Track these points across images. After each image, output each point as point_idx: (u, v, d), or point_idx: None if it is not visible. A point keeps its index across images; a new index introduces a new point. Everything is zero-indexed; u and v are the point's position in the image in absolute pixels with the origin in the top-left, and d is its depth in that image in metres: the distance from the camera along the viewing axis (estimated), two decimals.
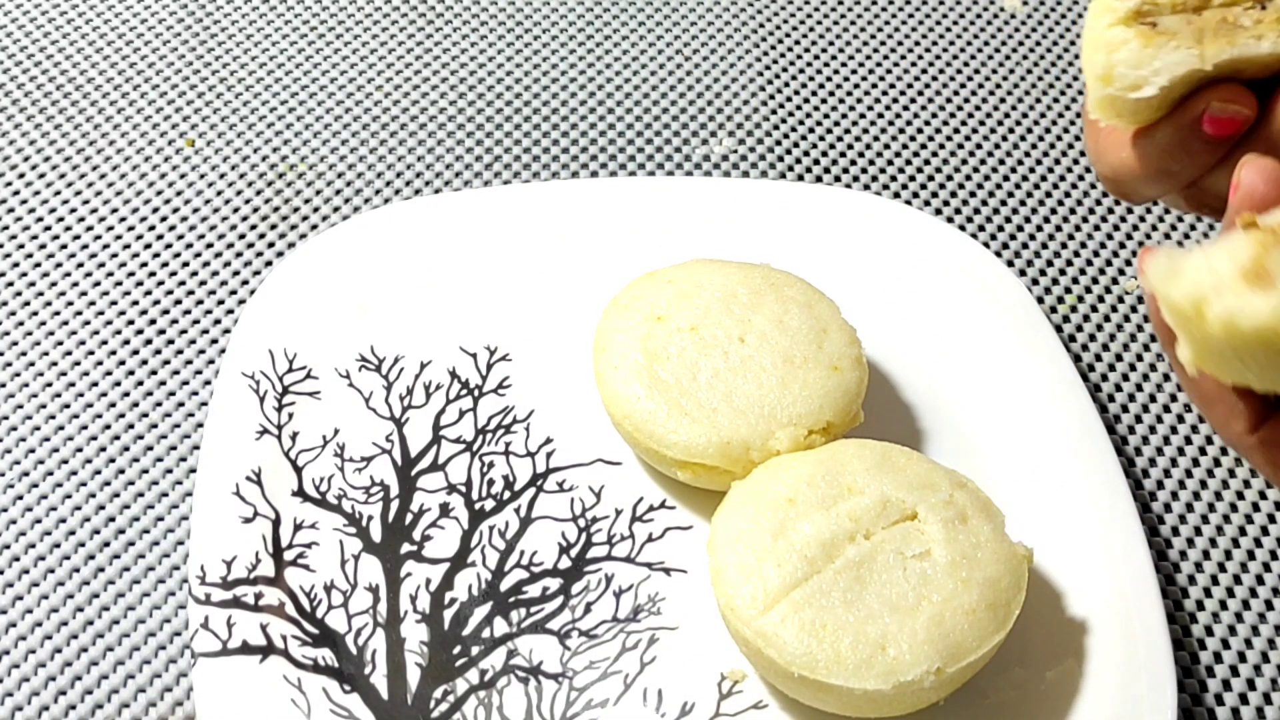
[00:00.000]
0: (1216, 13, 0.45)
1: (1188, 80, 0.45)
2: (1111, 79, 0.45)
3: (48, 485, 0.72)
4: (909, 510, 0.63)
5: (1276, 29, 0.44)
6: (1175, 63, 0.44)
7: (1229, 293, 0.38)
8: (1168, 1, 0.45)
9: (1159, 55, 0.44)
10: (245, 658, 0.63)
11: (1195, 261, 0.39)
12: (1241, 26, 0.44)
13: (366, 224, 0.79)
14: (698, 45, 0.95)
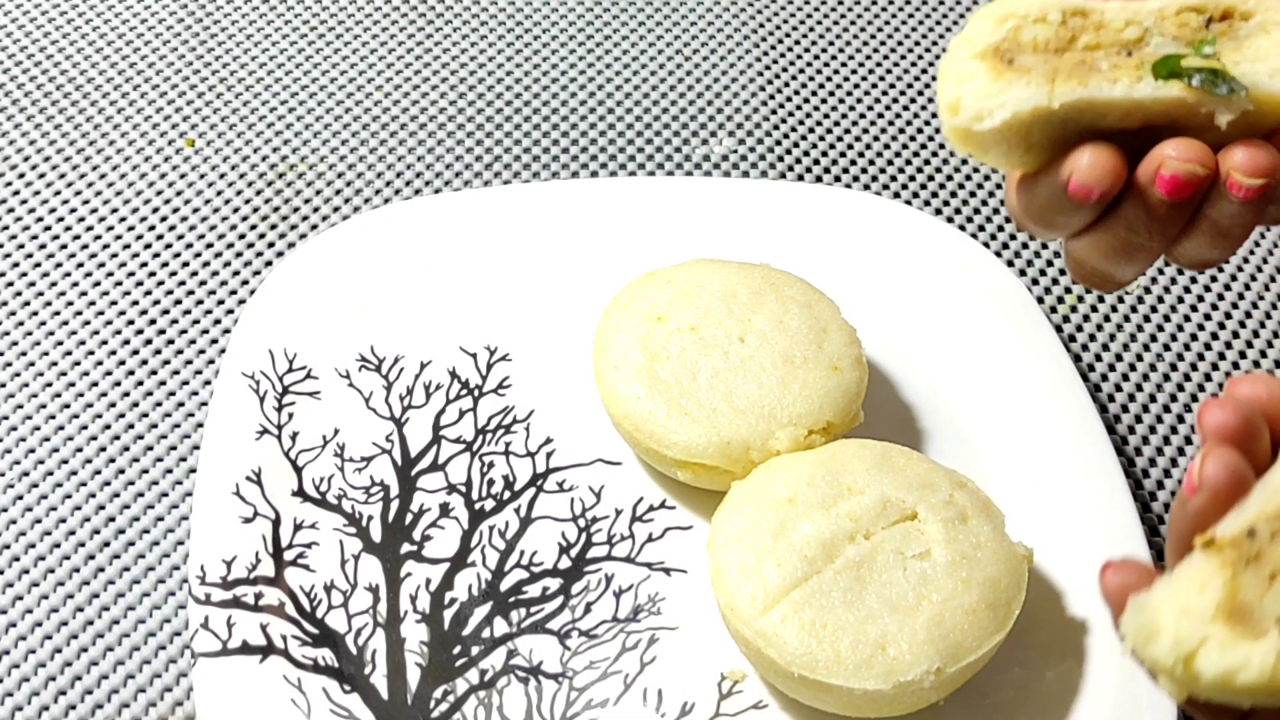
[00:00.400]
0: (1077, 54, 0.44)
1: (1044, 120, 0.44)
2: (958, 109, 0.44)
3: (48, 485, 0.72)
4: (909, 510, 0.63)
5: (1133, 74, 0.44)
6: (1022, 98, 0.43)
7: (1215, 646, 0.36)
8: (1029, 40, 0.44)
9: (1007, 90, 0.44)
10: (245, 658, 0.63)
11: (1167, 606, 0.37)
12: (1098, 69, 0.44)
13: (366, 224, 0.79)
14: (698, 45, 0.95)
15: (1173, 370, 0.79)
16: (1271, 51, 0.43)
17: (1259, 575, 0.36)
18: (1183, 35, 0.44)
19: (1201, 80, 0.43)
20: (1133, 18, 0.44)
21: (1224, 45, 0.44)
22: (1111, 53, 0.44)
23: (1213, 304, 0.82)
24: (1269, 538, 0.37)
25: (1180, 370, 0.79)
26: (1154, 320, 0.82)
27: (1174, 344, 0.81)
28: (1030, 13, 0.44)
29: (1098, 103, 0.44)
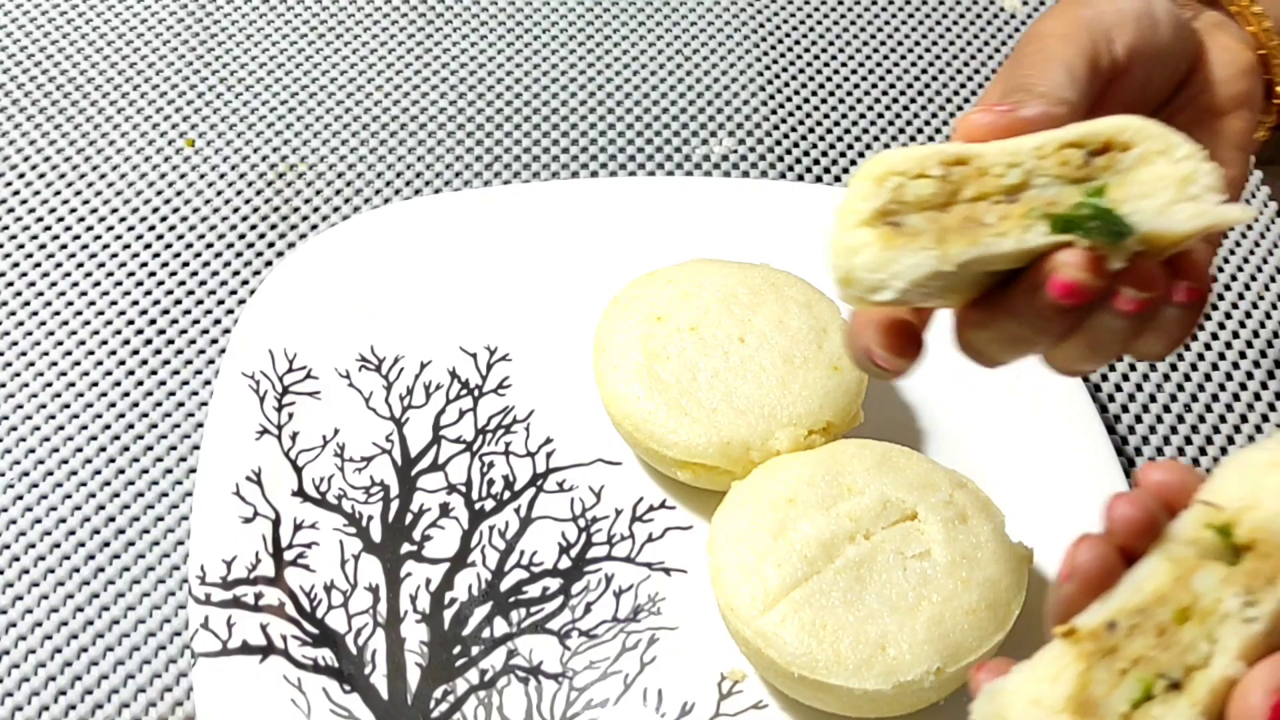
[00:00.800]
0: (963, 208, 0.43)
1: (935, 276, 0.43)
2: (851, 282, 0.43)
3: (48, 485, 0.72)
4: (909, 510, 0.63)
5: (1021, 225, 0.43)
6: (916, 265, 0.42)
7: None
8: (913, 200, 0.43)
9: (899, 258, 0.43)
10: (245, 658, 0.63)
11: (1020, 695, 0.37)
12: (985, 224, 0.43)
13: (366, 224, 0.79)
14: (698, 45, 0.95)
15: (1172, 370, 0.79)
16: (1155, 185, 0.43)
17: (1111, 669, 0.37)
18: (1065, 173, 0.43)
19: (1092, 230, 0.43)
20: (1013, 159, 0.43)
21: (1109, 180, 0.43)
22: (996, 201, 0.43)
23: (1212, 304, 0.82)
24: (1127, 632, 0.37)
25: (1180, 370, 0.79)
26: None
27: None
28: (909, 168, 0.43)
29: (990, 259, 0.43)
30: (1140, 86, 0.52)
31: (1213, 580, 0.38)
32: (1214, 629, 0.37)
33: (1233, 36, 0.55)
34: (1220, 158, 0.52)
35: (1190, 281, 0.45)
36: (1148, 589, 0.38)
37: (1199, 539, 0.38)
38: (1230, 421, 0.77)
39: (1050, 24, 0.51)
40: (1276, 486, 0.38)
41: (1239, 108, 0.54)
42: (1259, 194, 0.88)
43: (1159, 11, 0.52)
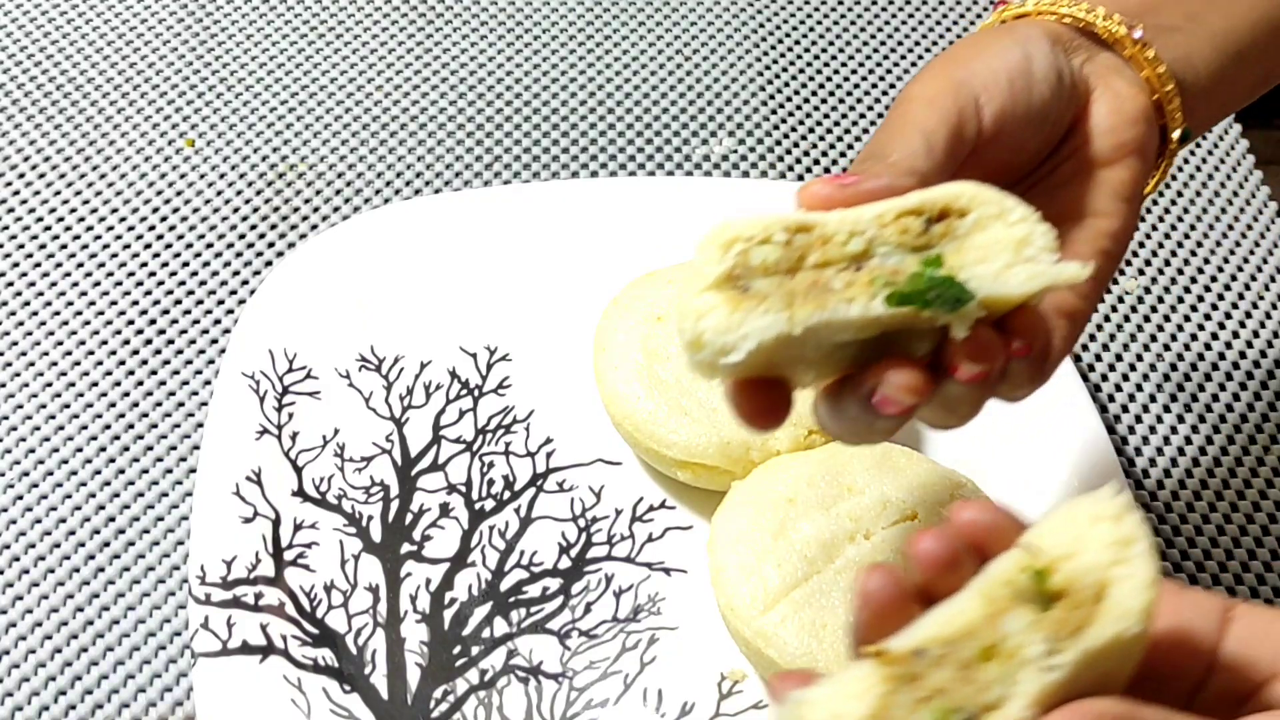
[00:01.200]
0: (809, 274, 0.44)
1: (787, 341, 0.44)
2: (700, 345, 0.44)
3: (48, 485, 0.72)
4: (909, 510, 0.63)
5: (867, 291, 0.43)
6: (764, 327, 0.43)
7: None
8: (759, 265, 0.44)
9: (746, 320, 0.43)
10: (245, 658, 0.63)
11: (821, 708, 0.38)
12: (832, 289, 0.44)
13: (366, 224, 0.79)
14: (698, 45, 0.95)
15: (1173, 370, 0.79)
16: (991, 250, 0.44)
17: (912, 696, 0.38)
18: (905, 241, 0.44)
19: (932, 301, 0.43)
20: (854, 228, 0.44)
21: (947, 248, 0.44)
22: (841, 269, 0.44)
23: (1213, 304, 0.83)
24: (933, 661, 0.38)
25: (1180, 370, 0.79)
26: (1154, 320, 0.82)
27: (1174, 344, 0.81)
28: (754, 234, 0.44)
29: (836, 324, 0.44)
30: (1013, 148, 0.52)
31: (1021, 624, 0.38)
32: (1014, 672, 0.38)
33: (1127, 81, 0.54)
34: (1101, 209, 0.52)
35: (1022, 339, 0.46)
36: (958, 622, 0.39)
37: (1014, 581, 0.39)
38: (1230, 421, 0.77)
39: (919, 87, 0.51)
40: (1098, 540, 0.39)
41: (1126, 156, 0.53)
42: (1259, 194, 0.88)
43: (1037, 68, 0.52)
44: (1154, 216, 0.87)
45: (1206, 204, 0.87)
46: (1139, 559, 0.38)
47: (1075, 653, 0.37)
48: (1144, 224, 0.86)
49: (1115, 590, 0.38)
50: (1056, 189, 0.54)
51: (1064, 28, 0.55)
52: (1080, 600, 0.38)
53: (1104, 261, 0.53)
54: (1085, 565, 0.38)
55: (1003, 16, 0.56)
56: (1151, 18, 0.56)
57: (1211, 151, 0.90)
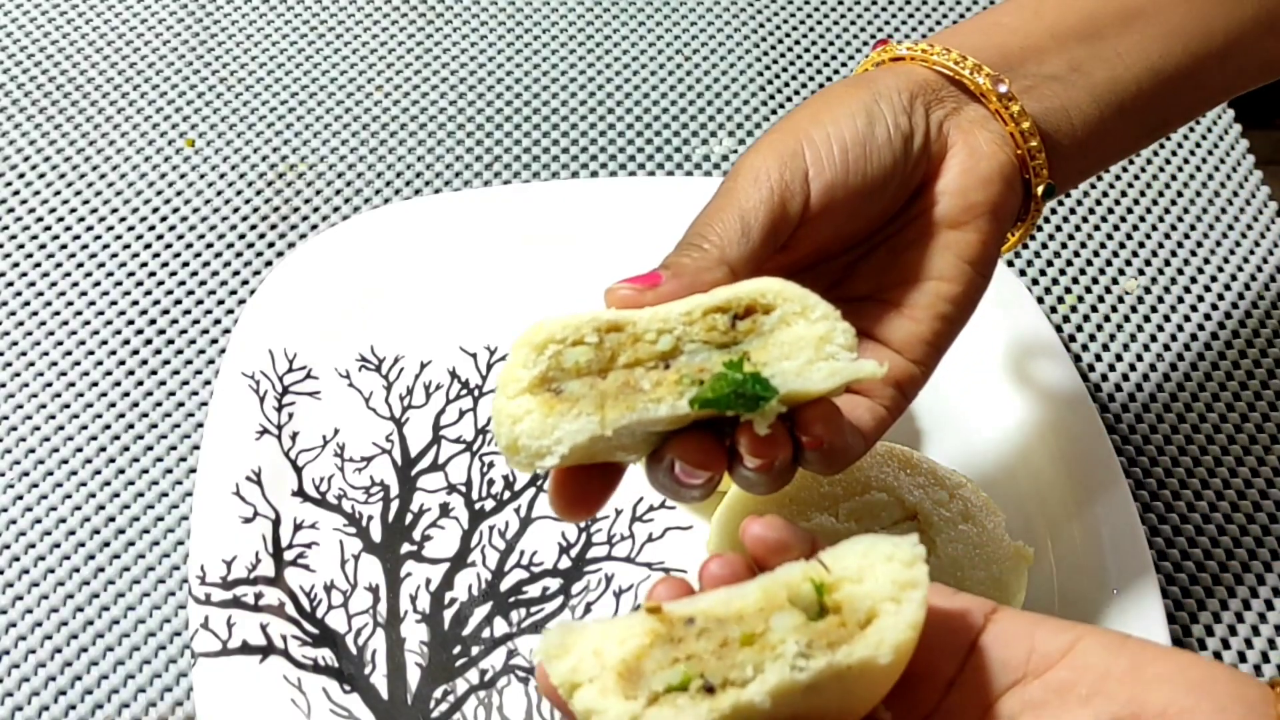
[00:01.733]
0: (620, 374, 0.46)
1: (597, 439, 0.45)
2: (516, 450, 0.46)
3: (48, 485, 0.72)
4: (909, 510, 0.63)
5: (675, 390, 0.45)
6: (576, 430, 0.45)
7: (596, 688, 0.41)
8: (572, 366, 0.46)
9: (560, 424, 0.45)
10: (245, 658, 0.63)
11: (586, 639, 0.42)
12: (641, 390, 0.45)
13: (366, 224, 0.79)
14: (698, 45, 0.95)
15: (1172, 370, 0.79)
16: (794, 346, 0.46)
17: (668, 655, 0.41)
18: (713, 338, 0.46)
19: (734, 403, 0.45)
20: (663, 325, 0.46)
21: (752, 344, 0.46)
22: (651, 367, 0.46)
23: (1213, 304, 0.82)
24: (699, 632, 0.42)
25: (1180, 370, 0.79)
26: (1154, 320, 0.82)
27: (1174, 344, 0.81)
28: (567, 335, 0.46)
29: (647, 422, 0.45)
30: (848, 215, 0.52)
31: (788, 624, 0.42)
32: (765, 662, 0.41)
33: (989, 136, 0.54)
34: (945, 272, 0.53)
35: (812, 434, 0.47)
36: (734, 606, 0.42)
37: (796, 586, 0.42)
38: (1231, 421, 0.77)
39: (751, 158, 0.52)
40: (884, 576, 0.42)
41: (975, 219, 0.53)
42: (1259, 194, 0.88)
43: (879, 135, 0.52)
44: (1154, 216, 0.87)
45: (1206, 204, 0.87)
46: (912, 604, 0.42)
47: (823, 662, 0.40)
48: (1144, 224, 0.86)
49: (881, 622, 0.41)
50: (901, 250, 0.54)
51: (934, 75, 0.55)
52: (848, 621, 0.42)
53: (941, 325, 0.53)
54: (864, 592, 0.42)
55: (880, 58, 0.57)
56: (1034, 66, 0.55)
57: (1211, 151, 0.90)
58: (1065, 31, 0.56)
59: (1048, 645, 0.44)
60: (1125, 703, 0.42)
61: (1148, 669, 0.43)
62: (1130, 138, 0.59)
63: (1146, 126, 0.59)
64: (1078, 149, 0.56)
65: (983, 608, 0.45)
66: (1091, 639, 0.44)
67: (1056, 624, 0.45)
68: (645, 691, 0.41)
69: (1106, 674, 0.43)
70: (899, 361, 0.52)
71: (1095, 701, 0.43)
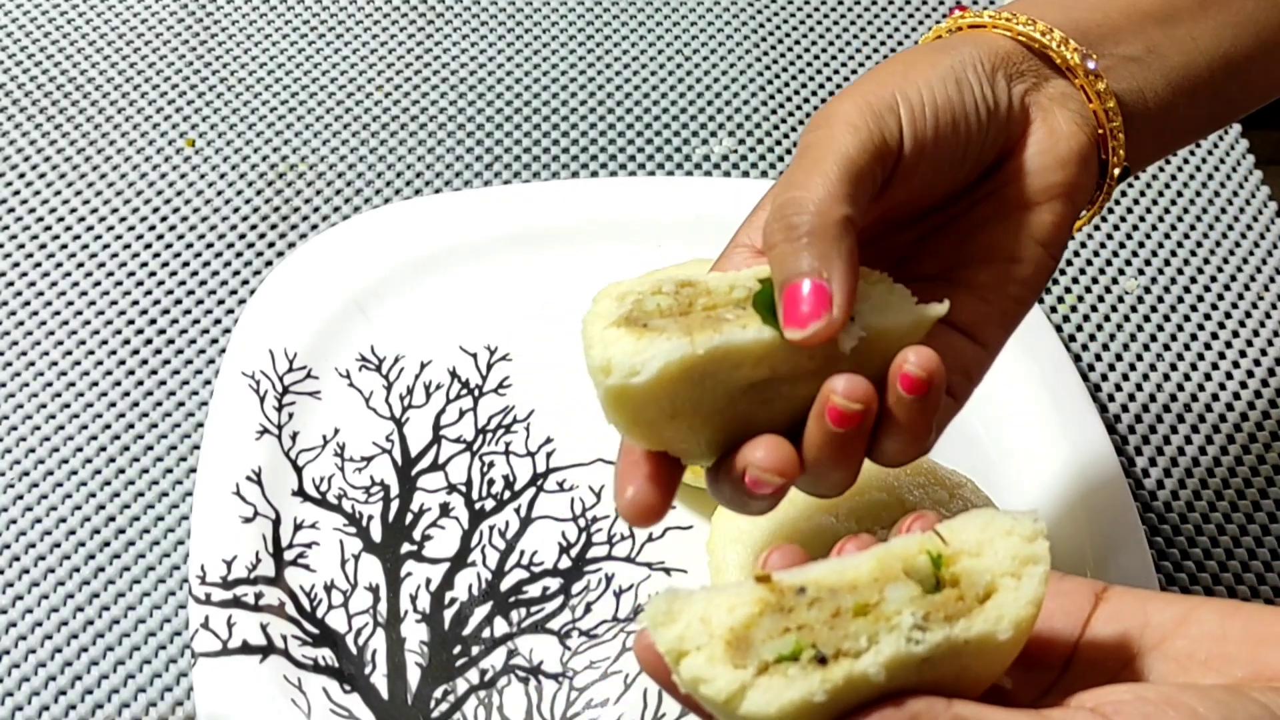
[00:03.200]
0: (700, 314, 0.47)
1: (689, 378, 0.45)
2: (610, 369, 0.46)
3: (48, 485, 0.72)
4: (909, 510, 0.63)
5: (757, 320, 0.46)
6: (669, 349, 0.45)
7: (704, 656, 0.40)
8: (653, 309, 0.47)
9: (651, 345, 0.45)
10: (245, 658, 0.63)
11: (694, 607, 0.41)
12: (725, 320, 0.46)
13: (366, 224, 0.79)
14: (698, 45, 0.95)
15: (1172, 370, 0.79)
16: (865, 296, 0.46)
17: (778, 624, 0.40)
18: None
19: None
20: (734, 282, 0.48)
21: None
22: (729, 309, 0.47)
23: (1213, 304, 0.83)
24: (809, 602, 0.41)
25: (1180, 370, 0.79)
26: (1154, 320, 0.82)
27: (1174, 344, 0.81)
28: (645, 289, 0.47)
29: (734, 350, 0.45)
30: (928, 181, 0.50)
31: (904, 595, 0.40)
32: (880, 633, 0.40)
33: (1070, 114, 0.52)
34: (1018, 253, 0.51)
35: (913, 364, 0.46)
36: (847, 575, 0.41)
37: (912, 558, 0.41)
38: (1231, 420, 0.77)
39: (843, 105, 0.49)
40: (1005, 550, 0.41)
41: (1051, 200, 0.51)
42: (1259, 194, 0.88)
43: (968, 102, 0.50)
44: (1154, 216, 0.87)
45: (1206, 204, 0.87)
46: (1033, 578, 0.41)
47: (940, 636, 0.39)
48: (1144, 224, 0.86)
49: (1001, 596, 0.40)
50: (972, 228, 0.52)
51: (1016, 46, 0.53)
52: (966, 594, 0.41)
53: (1011, 307, 0.51)
54: (983, 566, 0.41)
55: (957, 24, 0.55)
56: (1110, 46, 0.54)
57: (1211, 151, 0.90)
58: (1142, 13, 0.55)
59: (1161, 616, 0.43)
60: (1247, 663, 0.42)
61: (1265, 629, 0.42)
62: (1199, 123, 0.58)
63: (1214, 112, 0.58)
64: (1151, 133, 0.55)
65: (1093, 587, 0.44)
66: (1205, 608, 0.43)
67: (1168, 597, 0.44)
68: (755, 660, 0.39)
69: (1224, 638, 0.42)
70: (965, 344, 0.51)
71: (1216, 664, 0.42)
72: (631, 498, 0.48)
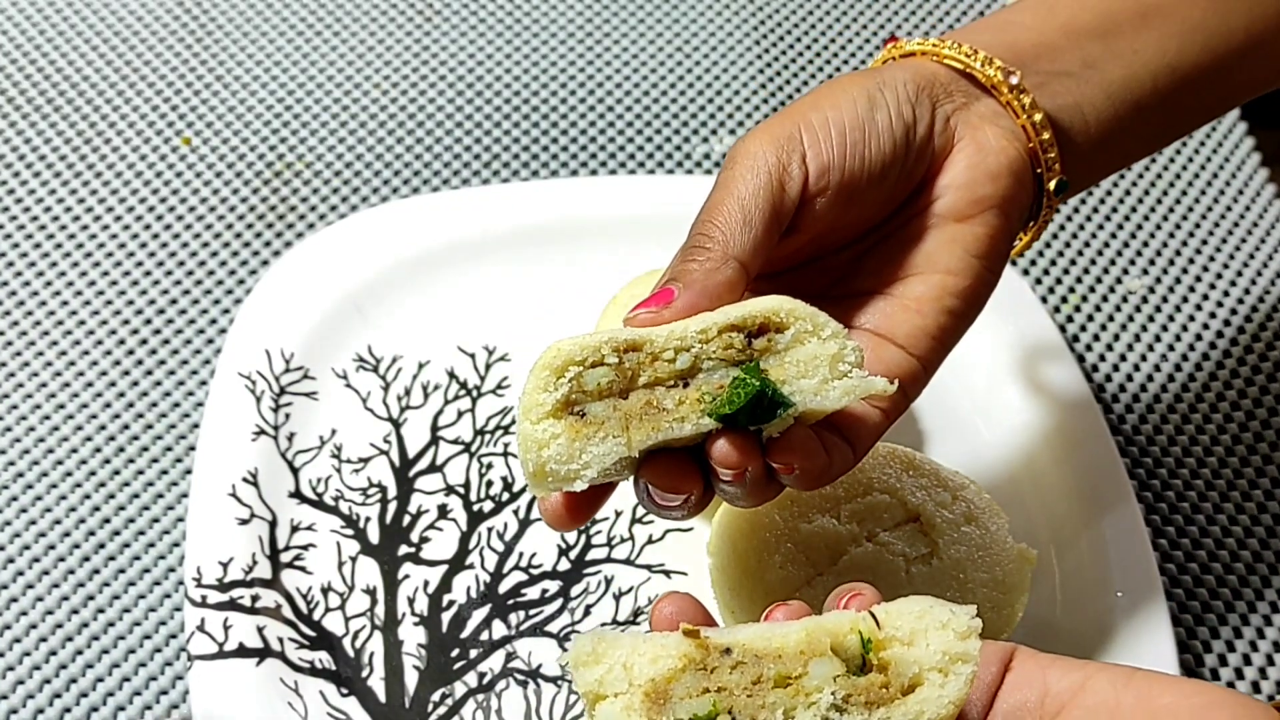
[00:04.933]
0: (642, 394, 0.46)
1: (623, 461, 0.46)
2: (545, 475, 0.46)
3: (43, 486, 0.71)
4: (912, 512, 0.62)
5: (697, 409, 0.46)
6: (605, 453, 0.46)
7: (621, 705, 0.41)
8: (593, 388, 0.46)
9: (587, 449, 0.46)
10: (242, 660, 0.63)
11: (618, 652, 0.41)
12: (665, 409, 0.46)
13: (364, 222, 0.78)
14: (698, 44, 0.94)
15: (1176, 371, 0.79)
16: (809, 365, 0.47)
17: (697, 684, 0.41)
18: (729, 355, 0.47)
19: (752, 413, 0.46)
20: (680, 344, 0.46)
21: (769, 362, 0.47)
22: (671, 386, 0.46)
23: (1218, 300, 0.82)
24: (733, 664, 0.41)
25: (1184, 371, 0.79)
26: (1158, 320, 0.81)
27: (1178, 344, 0.80)
28: (585, 357, 0.46)
29: (670, 441, 0.46)
30: (848, 201, 0.52)
31: (827, 672, 0.41)
32: (798, 709, 0.40)
33: (1000, 131, 0.53)
34: (952, 266, 0.52)
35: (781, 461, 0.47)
36: (774, 644, 0.41)
37: (843, 635, 0.42)
38: (1236, 420, 0.77)
39: (747, 143, 0.51)
40: (937, 644, 0.41)
41: (983, 212, 0.52)
42: (1264, 192, 0.87)
43: (880, 121, 0.52)
44: (1158, 216, 0.86)
45: (1211, 202, 0.87)
46: (959, 678, 0.41)
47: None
48: (1148, 223, 0.86)
49: (925, 691, 0.41)
50: (906, 244, 0.53)
51: (944, 69, 0.54)
52: (891, 682, 0.41)
53: (947, 320, 0.52)
54: (913, 657, 0.41)
55: (891, 54, 0.56)
56: (1045, 63, 0.55)
57: (1216, 150, 0.89)
58: (1080, 28, 0.56)
59: (1060, 685, 0.44)
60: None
61: (1156, 700, 0.43)
62: (1148, 136, 0.58)
63: (1165, 125, 0.58)
64: (1092, 146, 0.55)
65: (1001, 654, 0.45)
66: (1101, 676, 0.44)
67: (1067, 664, 0.45)
68: (670, 717, 0.40)
69: (1117, 708, 0.43)
70: (900, 358, 0.52)
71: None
72: (558, 505, 0.50)
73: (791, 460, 0.47)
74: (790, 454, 0.47)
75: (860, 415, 0.50)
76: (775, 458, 0.47)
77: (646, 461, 0.47)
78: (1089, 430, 0.71)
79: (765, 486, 0.48)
